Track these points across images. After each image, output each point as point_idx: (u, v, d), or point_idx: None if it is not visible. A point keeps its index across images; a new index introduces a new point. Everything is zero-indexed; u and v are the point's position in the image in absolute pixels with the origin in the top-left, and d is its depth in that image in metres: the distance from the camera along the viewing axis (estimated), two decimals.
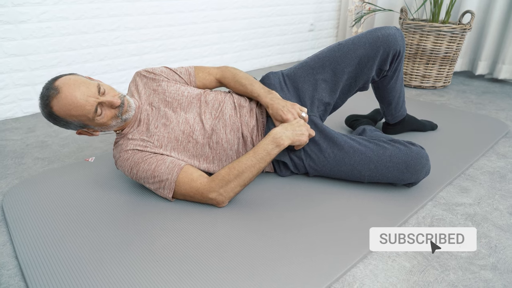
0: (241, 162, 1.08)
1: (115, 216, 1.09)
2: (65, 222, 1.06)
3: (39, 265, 0.89)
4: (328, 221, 1.05)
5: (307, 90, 1.31)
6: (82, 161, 1.45)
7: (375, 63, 1.26)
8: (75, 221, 1.06)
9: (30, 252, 0.94)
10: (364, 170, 1.16)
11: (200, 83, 1.33)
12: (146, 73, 1.28)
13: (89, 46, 2.06)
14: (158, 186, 1.13)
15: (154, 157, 1.13)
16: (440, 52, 2.27)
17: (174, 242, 0.97)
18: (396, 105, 1.49)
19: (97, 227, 1.03)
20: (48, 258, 0.92)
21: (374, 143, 1.17)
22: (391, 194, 1.18)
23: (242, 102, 1.27)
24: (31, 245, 0.97)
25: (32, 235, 1.01)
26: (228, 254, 0.92)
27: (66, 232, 1.01)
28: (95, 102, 1.04)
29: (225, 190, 1.08)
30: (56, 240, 0.98)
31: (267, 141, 1.09)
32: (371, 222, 1.02)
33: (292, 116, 1.16)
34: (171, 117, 1.20)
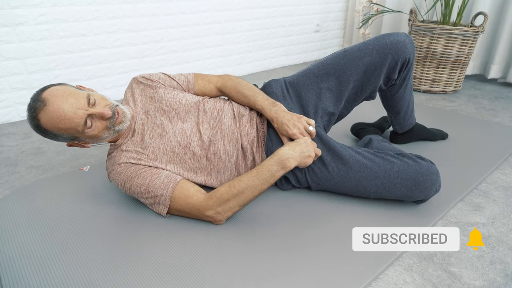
0: (242, 181, 1.02)
1: (107, 232, 1.04)
2: (54, 237, 1.01)
3: (22, 282, 0.85)
4: (333, 241, 0.98)
5: (310, 99, 1.24)
6: (76, 170, 1.40)
7: (382, 71, 1.19)
8: (64, 236, 1.02)
9: (14, 269, 0.89)
10: (369, 186, 1.10)
11: (199, 91, 1.27)
12: (143, 79, 1.23)
13: (88, 48, 2.01)
14: (153, 202, 1.07)
15: (149, 170, 1.08)
16: (451, 56, 2.18)
17: (167, 261, 0.92)
18: (404, 114, 1.42)
19: (87, 243, 0.99)
20: (33, 276, 0.87)
21: (381, 157, 1.10)
22: (398, 212, 1.11)
23: (242, 111, 1.21)
24: (15, 261, 0.92)
25: (17, 250, 0.96)
26: (224, 276, 0.86)
27: (54, 248, 0.97)
28: (84, 114, 0.99)
29: (223, 209, 1.02)
30: (43, 257, 0.93)
31: (272, 162, 1.03)
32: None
33: (298, 131, 1.10)
34: (167, 127, 1.14)
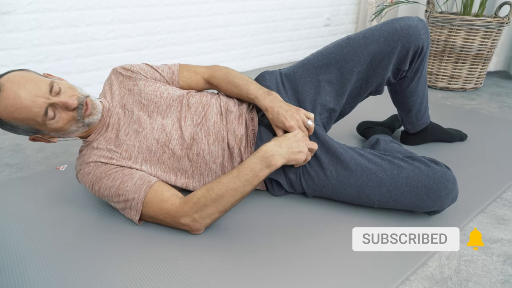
0: (221, 183, 0.88)
1: (71, 241, 0.93)
2: (19, 245, 0.90)
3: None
4: (332, 256, 0.85)
5: (308, 93, 1.09)
6: (53, 169, 1.29)
7: (391, 61, 1.03)
8: (30, 244, 0.91)
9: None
10: (373, 194, 0.94)
11: (184, 83, 1.14)
12: (122, 70, 1.11)
13: (79, 40, 1.91)
14: (124, 206, 0.95)
15: (120, 171, 0.96)
16: (472, 49, 1.99)
17: (138, 275, 0.80)
18: (417, 112, 1.25)
19: (55, 251, 0.88)
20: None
21: (387, 161, 0.95)
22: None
23: (230, 106, 1.07)
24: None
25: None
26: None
27: (18, 257, 0.85)
28: (44, 103, 0.87)
29: (201, 215, 0.89)
30: (5, 267, 0.82)
31: (255, 159, 0.89)
32: (383, 262, 0.82)
33: (296, 124, 0.96)
34: (145, 122, 1.02)
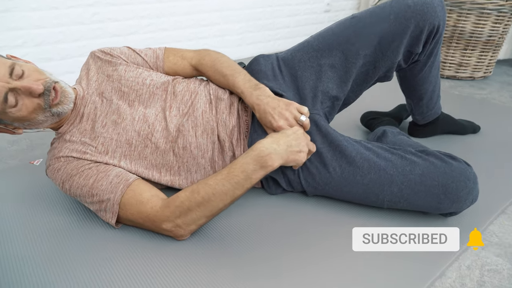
0: (208, 185, 0.76)
1: (50, 243, 0.82)
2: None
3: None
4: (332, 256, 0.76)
5: (308, 79, 0.97)
6: (26, 163, 1.17)
7: (402, 43, 0.91)
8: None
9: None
10: (382, 194, 0.83)
11: (170, 69, 1.02)
12: (101, 54, 0.99)
13: (61, 24, 1.77)
14: (98, 208, 0.83)
15: (95, 167, 0.84)
16: (482, 36, 1.87)
17: None
18: (428, 101, 1.14)
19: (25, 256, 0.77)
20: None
21: (398, 155, 0.84)
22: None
23: (220, 94, 0.95)
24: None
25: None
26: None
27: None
28: (3, 88, 0.75)
29: (184, 221, 0.77)
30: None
31: (248, 159, 0.77)
32: (396, 273, 0.73)
33: (285, 123, 0.84)
34: (124, 112, 0.90)
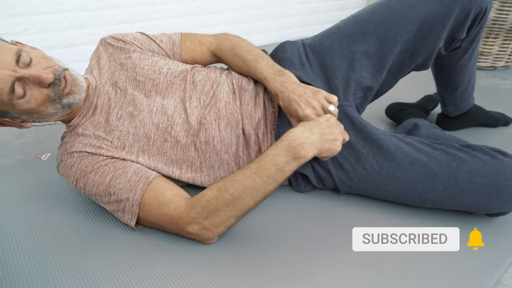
0: (237, 181, 0.69)
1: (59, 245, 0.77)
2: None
3: None
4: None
5: (339, 67, 0.90)
6: (33, 158, 1.10)
7: (445, 27, 0.83)
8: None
9: None
10: (426, 192, 0.77)
11: (188, 56, 0.94)
12: (112, 40, 0.92)
13: (65, 10, 1.68)
14: (116, 208, 0.76)
15: (111, 164, 0.77)
16: (506, 23, 1.79)
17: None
18: (463, 91, 1.06)
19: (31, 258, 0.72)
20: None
21: (442, 151, 0.77)
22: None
23: (244, 84, 0.88)
24: None
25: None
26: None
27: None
28: (9, 77, 0.68)
29: (212, 222, 0.71)
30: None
31: (279, 150, 0.70)
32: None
33: (312, 112, 0.76)
34: (141, 103, 0.82)
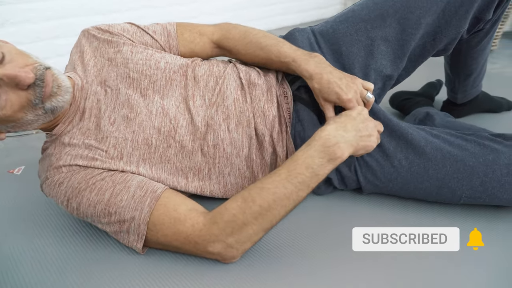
0: (266, 189, 0.60)
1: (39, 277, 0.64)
2: None
3: None
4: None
5: (357, 56, 0.82)
6: (4, 172, 0.97)
7: (472, 7, 0.77)
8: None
9: None
10: (461, 189, 0.72)
11: (186, 49, 0.84)
12: (97, 31, 0.79)
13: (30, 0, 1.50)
14: (118, 229, 0.65)
15: (109, 178, 0.66)
16: None
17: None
18: (476, 77, 1.03)
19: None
20: None
21: (474, 142, 0.72)
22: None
23: (253, 78, 0.78)
24: None
25: None
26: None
27: None
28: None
29: (238, 239, 0.61)
30: None
31: (311, 151, 0.61)
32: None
33: (355, 96, 0.69)
34: (137, 105, 0.71)
